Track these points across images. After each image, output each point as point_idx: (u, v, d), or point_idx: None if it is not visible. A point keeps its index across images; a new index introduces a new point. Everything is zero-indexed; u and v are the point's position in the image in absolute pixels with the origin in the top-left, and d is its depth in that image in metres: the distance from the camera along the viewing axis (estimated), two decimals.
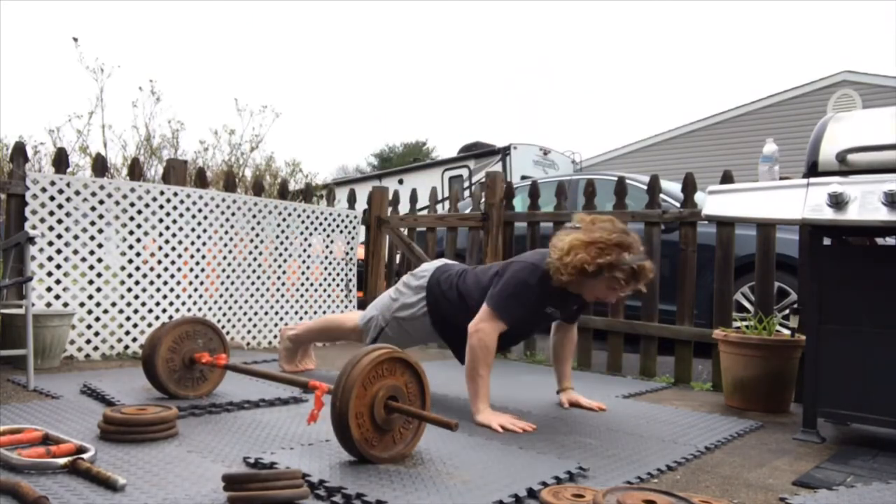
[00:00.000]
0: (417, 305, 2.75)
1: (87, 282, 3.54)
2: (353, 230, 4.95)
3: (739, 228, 3.62)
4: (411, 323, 2.77)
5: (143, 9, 52.81)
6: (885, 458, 2.18)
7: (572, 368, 2.93)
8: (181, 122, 7.49)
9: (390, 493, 1.57)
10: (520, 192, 5.44)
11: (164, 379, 2.44)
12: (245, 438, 2.06)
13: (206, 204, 4.01)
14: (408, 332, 2.82)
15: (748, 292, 4.14)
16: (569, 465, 1.85)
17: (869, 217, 2.12)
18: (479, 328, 2.41)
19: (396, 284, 2.92)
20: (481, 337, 2.40)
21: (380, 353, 1.85)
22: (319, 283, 4.70)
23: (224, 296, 4.10)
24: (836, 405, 2.35)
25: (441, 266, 2.81)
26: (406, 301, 2.78)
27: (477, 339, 2.40)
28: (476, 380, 2.41)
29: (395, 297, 2.84)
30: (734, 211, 2.49)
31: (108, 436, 1.96)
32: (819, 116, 2.77)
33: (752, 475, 1.96)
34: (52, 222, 3.43)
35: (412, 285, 2.80)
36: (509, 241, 4.43)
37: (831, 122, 2.40)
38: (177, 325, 2.51)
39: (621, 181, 3.94)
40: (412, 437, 1.91)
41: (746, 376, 2.89)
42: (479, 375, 2.40)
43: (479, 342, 2.40)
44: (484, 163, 10.15)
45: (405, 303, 2.78)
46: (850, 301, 2.34)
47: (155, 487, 1.58)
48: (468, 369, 2.43)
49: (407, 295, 2.80)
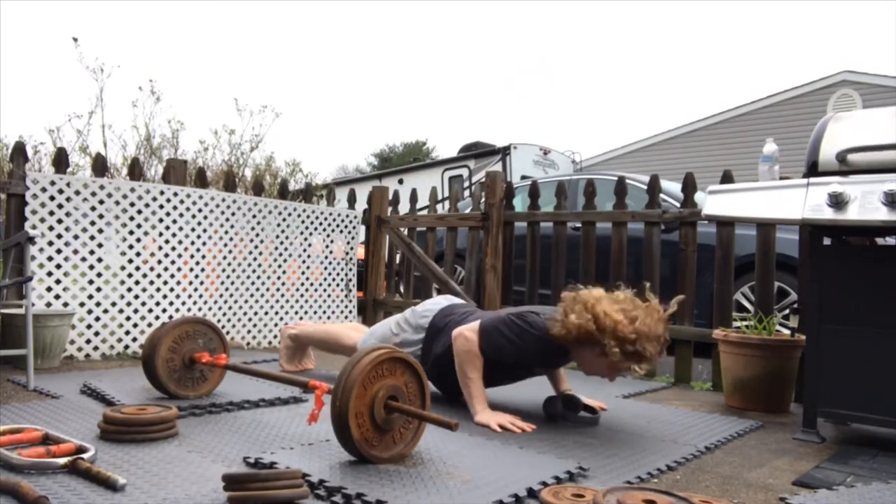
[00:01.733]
0: (417, 346, 2.67)
1: (87, 282, 3.54)
2: (353, 230, 4.95)
3: (739, 228, 3.62)
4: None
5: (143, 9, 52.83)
6: (885, 458, 2.18)
7: (571, 368, 2.92)
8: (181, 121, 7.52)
9: (390, 493, 1.57)
10: (520, 192, 5.44)
11: (164, 379, 2.44)
12: (245, 438, 2.06)
13: (206, 204, 4.01)
14: None
15: (748, 292, 4.13)
16: (569, 465, 1.85)
17: (869, 217, 2.12)
18: (460, 333, 2.43)
19: (398, 317, 2.84)
20: (461, 341, 2.41)
21: (380, 353, 1.85)
22: (319, 283, 4.70)
23: (224, 296, 4.10)
24: (836, 405, 2.35)
25: (445, 308, 2.72)
26: (407, 338, 2.71)
27: (460, 343, 2.42)
28: (467, 383, 2.42)
29: (395, 332, 2.77)
30: (734, 211, 2.49)
31: (108, 436, 1.96)
32: (819, 116, 2.77)
33: (752, 475, 1.96)
34: (52, 222, 3.43)
35: (414, 324, 2.73)
36: (509, 241, 4.43)
37: (831, 122, 2.40)
38: (177, 325, 2.51)
39: (621, 181, 3.94)
40: (412, 437, 1.91)
41: (746, 376, 2.89)
42: (468, 378, 2.41)
43: (462, 346, 2.41)
44: (484, 163, 10.15)
45: (406, 340, 2.71)
46: (850, 301, 2.34)
47: (155, 487, 1.58)
48: (459, 374, 2.45)
49: (408, 332, 2.73)
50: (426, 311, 2.74)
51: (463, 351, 2.41)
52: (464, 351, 2.41)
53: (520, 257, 4.50)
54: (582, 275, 3.99)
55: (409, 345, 2.68)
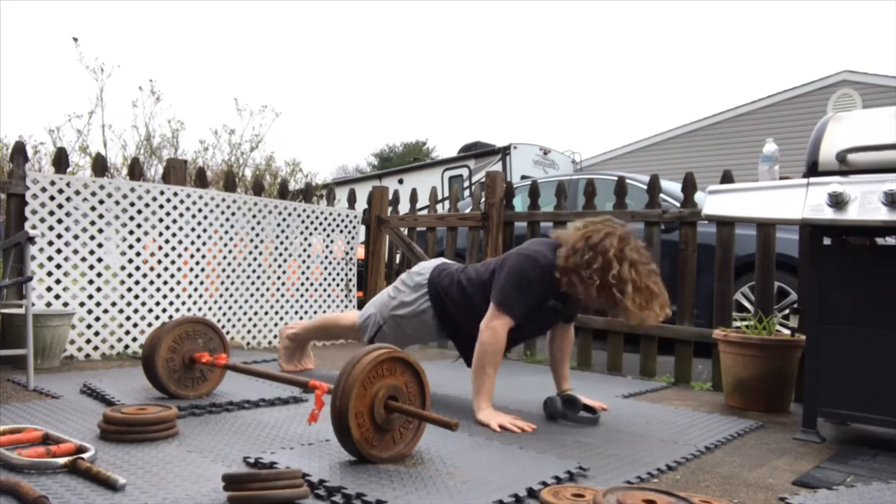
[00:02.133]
0: (416, 303, 2.74)
1: (87, 282, 3.54)
2: (353, 230, 4.95)
3: (739, 228, 3.62)
4: (409, 321, 2.77)
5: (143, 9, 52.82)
6: (885, 458, 2.18)
7: (571, 368, 2.93)
8: (181, 121, 7.51)
9: (390, 493, 1.57)
10: (520, 192, 5.45)
11: (164, 379, 2.44)
12: (245, 438, 2.06)
13: (206, 204, 4.01)
14: (406, 330, 2.82)
15: (748, 292, 4.14)
16: (569, 465, 1.85)
17: (869, 217, 2.12)
18: (490, 326, 2.42)
19: (395, 283, 2.92)
20: (492, 335, 2.40)
21: (380, 353, 1.85)
22: (319, 283, 4.70)
23: (224, 296, 4.10)
24: (836, 405, 2.35)
25: (439, 265, 2.81)
26: (404, 299, 2.78)
27: (487, 336, 2.41)
28: (482, 377, 2.42)
29: (393, 296, 2.84)
30: (734, 211, 2.49)
31: (108, 436, 1.96)
32: (819, 116, 2.77)
33: (752, 475, 1.96)
34: (52, 222, 3.43)
35: (410, 284, 2.80)
36: (509, 241, 4.43)
37: (831, 121, 2.40)
38: (177, 324, 2.51)
39: (621, 181, 3.94)
40: (412, 437, 1.91)
41: (746, 376, 2.89)
42: (484, 373, 2.41)
43: (489, 340, 2.40)
44: (484, 163, 10.15)
45: (403, 301, 2.78)
46: (850, 301, 2.34)
47: (155, 487, 1.58)
48: (475, 365, 2.44)
49: (405, 293, 2.79)
50: (421, 270, 2.82)
51: (490, 345, 2.40)
52: (489, 345, 2.40)
53: None
54: None
55: (407, 304, 2.76)
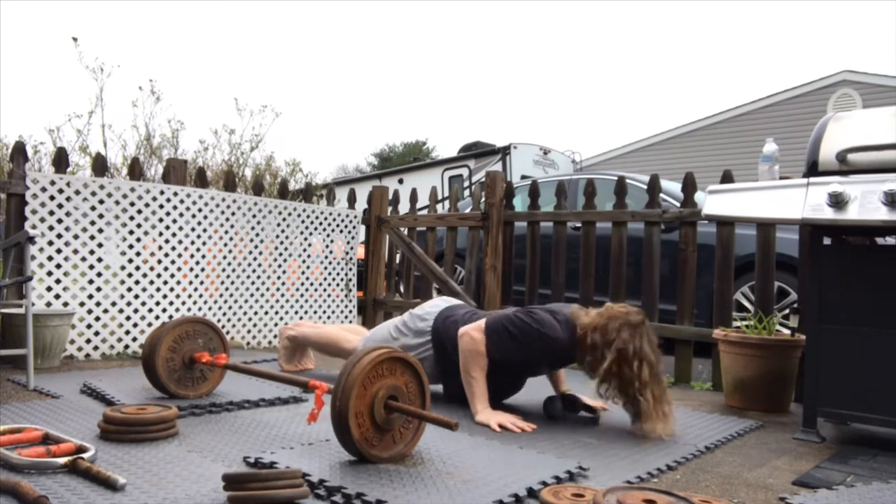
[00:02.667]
0: (419, 349, 2.66)
1: (87, 281, 3.54)
2: (353, 230, 4.95)
3: (739, 228, 3.62)
4: None
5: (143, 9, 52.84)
6: (885, 457, 2.18)
7: (572, 368, 2.92)
8: (181, 121, 7.50)
9: (390, 493, 1.57)
10: (520, 192, 5.44)
11: (164, 379, 2.44)
12: (245, 438, 2.06)
13: (206, 204, 4.01)
14: None
15: (748, 292, 4.13)
16: (569, 465, 1.85)
17: (869, 217, 2.12)
18: (465, 332, 2.44)
19: (396, 321, 2.83)
20: (467, 340, 2.42)
21: (380, 353, 1.85)
22: (319, 283, 4.70)
23: (224, 296, 4.10)
24: (836, 405, 2.35)
25: (445, 310, 2.72)
26: (407, 343, 2.69)
27: (465, 342, 2.43)
28: (470, 381, 2.42)
29: (395, 337, 2.76)
30: (734, 210, 2.49)
31: (108, 435, 1.96)
32: (819, 116, 2.77)
33: (752, 475, 1.96)
34: (52, 222, 3.43)
35: (413, 328, 2.72)
36: (509, 241, 4.43)
37: (831, 121, 2.40)
38: (177, 324, 2.51)
39: (621, 181, 3.94)
40: (412, 437, 1.91)
41: (746, 376, 2.89)
42: (472, 377, 2.42)
43: (465, 345, 2.42)
44: (484, 162, 10.16)
45: (406, 344, 2.68)
46: (850, 301, 2.34)
47: (155, 487, 1.58)
48: (462, 372, 2.46)
49: (408, 337, 2.72)
50: (426, 315, 2.73)
51: (468, 349, 2.41)
52: (469, 350, 2.41)
53: (520, 257, 4.50)
54: (582, 275, 3.99)
55: (410, 349, 2.65)
